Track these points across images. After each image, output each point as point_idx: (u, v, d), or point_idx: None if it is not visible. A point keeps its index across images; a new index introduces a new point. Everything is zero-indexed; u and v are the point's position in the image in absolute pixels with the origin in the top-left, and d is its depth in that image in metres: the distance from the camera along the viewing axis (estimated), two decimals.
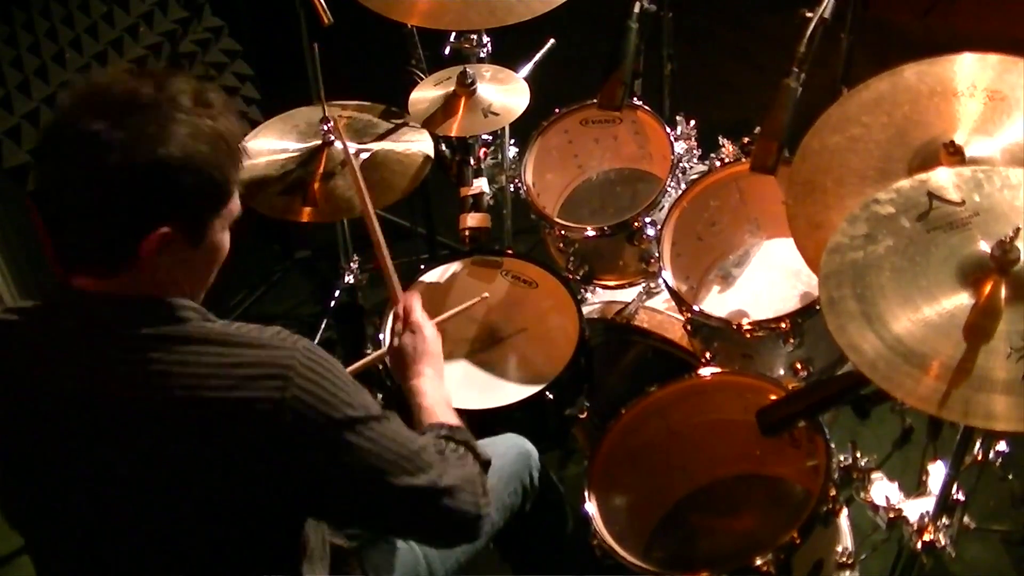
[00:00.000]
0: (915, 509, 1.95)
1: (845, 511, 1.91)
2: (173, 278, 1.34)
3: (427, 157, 2.36)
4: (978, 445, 2.10)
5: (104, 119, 1.24)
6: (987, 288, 1.51)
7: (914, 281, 1.56)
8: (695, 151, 2.52)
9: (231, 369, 1.29)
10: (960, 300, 1.53)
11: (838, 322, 1.54)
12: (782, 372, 2.18)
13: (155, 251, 1.30)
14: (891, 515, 1.98)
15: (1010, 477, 2.29)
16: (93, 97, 1.27)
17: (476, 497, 1.47)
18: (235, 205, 1.38)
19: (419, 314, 1.86)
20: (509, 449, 1.98)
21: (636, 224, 2.35)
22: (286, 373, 1.30)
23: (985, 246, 1.56)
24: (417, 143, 2.39)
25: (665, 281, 2.26)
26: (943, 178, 1.67)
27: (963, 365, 1.46)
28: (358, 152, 2.34)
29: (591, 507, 1.92)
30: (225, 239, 1.39)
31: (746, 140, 2.42)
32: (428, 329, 1.83)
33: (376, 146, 2.38)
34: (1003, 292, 1.51)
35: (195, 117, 1.29)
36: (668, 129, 2.47)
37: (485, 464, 1.57)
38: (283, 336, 1.35)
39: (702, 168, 2.46)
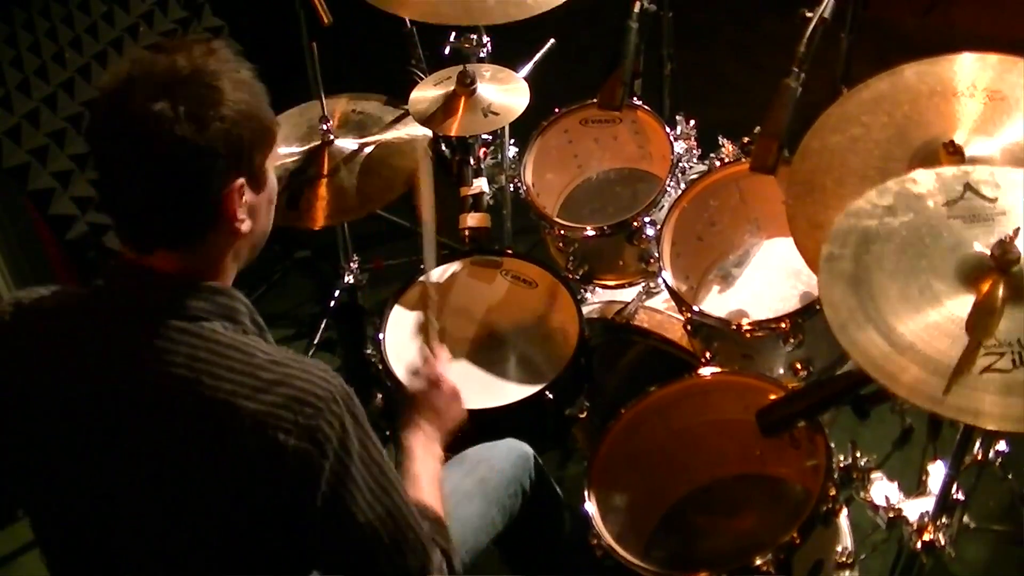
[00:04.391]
0: (915, 509, 1.95)
1: (845, 511, 1.91)
2: (247, 240, 1.41)
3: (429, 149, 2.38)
4: (978, 445, 2.10)
5: (161, 98, 1.28)
6: (987, 287, 1.51)
7: (916, 260, 1.55)
8: (695, 151, 2.51)
9: (268, 384, 1.32)
10: (957, 294, 1.51)
11: (828, 277, 1.54)
12: (782, 372, 2.18)
13: (235, 205, 1.34)
14: (891, 515, 1.97)
15: (1010, 477, 2.29)
16: (141, 80, 1.30)
17: None
18: (276, 142, 1.44)
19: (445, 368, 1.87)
20: (510, 453, 2.01)
21: (636, 224, 2.35)
22: (318, 404, 1.32)
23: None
24: (418, 132, 2.41)
25: (665, 281, 2.26)
26: (984, 174, 1.66)
27: (960, 362, 1.44)
28: (361, 147, 2.35)
29: (591, 507, 1.92)
30: (275, 178, 1.45)
31: (746, 140, 2.41)
32: (446, 388, 1.84)
33: (380, 137, 2.39)
34: (1003, 291, 1.51)
35: (228, 72, 1.33)
36: (668, 129, 2.46)
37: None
38: (324, 368, 1.37)
39: (702, 168, 2.46)
